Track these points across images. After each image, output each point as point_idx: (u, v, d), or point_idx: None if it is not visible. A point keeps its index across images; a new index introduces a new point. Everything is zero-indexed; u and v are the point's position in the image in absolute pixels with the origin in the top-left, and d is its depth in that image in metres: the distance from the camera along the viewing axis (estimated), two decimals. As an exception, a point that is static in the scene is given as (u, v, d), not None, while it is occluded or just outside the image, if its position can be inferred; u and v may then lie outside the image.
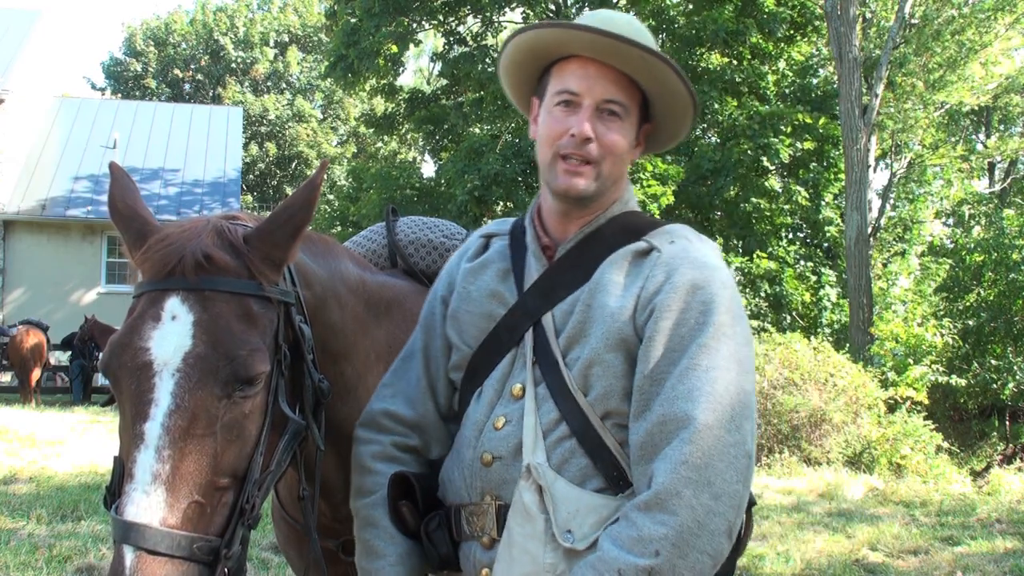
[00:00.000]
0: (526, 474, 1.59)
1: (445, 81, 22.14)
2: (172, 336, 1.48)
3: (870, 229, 15.60)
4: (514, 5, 20.36)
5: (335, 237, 2.57)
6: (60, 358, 17.87)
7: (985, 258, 13.98)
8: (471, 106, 19.13)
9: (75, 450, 8.78)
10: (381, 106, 23.64)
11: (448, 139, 20.87)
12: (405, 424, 1.81)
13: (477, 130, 19.25)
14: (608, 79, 1.67)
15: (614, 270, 1.67)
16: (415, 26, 20.26)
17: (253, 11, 38.41)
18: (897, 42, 16.19)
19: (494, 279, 1.79)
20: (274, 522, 2.31)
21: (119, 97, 34.84)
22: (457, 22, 20.97)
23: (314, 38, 37.40)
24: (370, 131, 26.67)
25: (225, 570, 1.46)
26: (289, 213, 1.62)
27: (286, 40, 37.77)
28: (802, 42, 19.50)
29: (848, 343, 13.68)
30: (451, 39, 21.13)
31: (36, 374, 15.10)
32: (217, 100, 35.59)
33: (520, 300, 1.74)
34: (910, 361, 11.46)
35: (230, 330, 1.51)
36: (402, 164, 22.31)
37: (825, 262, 18.76)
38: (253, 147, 34.78)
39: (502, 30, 21.62)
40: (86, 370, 16.02)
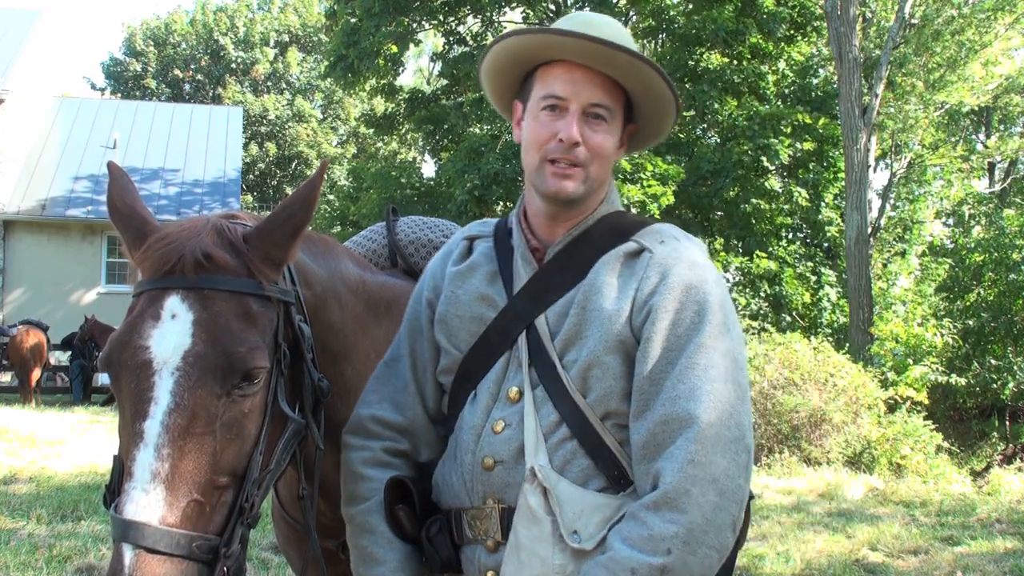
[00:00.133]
0: (530, 477, 1.60)
1: (445, 81, 22.13)
2: (172, 335, 1.49)
3: (870, 229, 15.60)
4: (514, 5, 20.37)
5: (335, 237, 2.58)
6: (60, 358, 17.88)
7: (985, 258, 13.99)
8: (471, 106, 19.13)
9: (75, 450, 8.78)
10: (381, 106, 23.64)
11: (448, 139, 20.87)
12: (394, 429, 1.81)
13: (477, 130, 19.25)
14: (594, 83, 1.68)
15: (607, 272, 1.68)
16: (415, 26, 20.26)
17: (253, 11, 38.41)
18: (897, 42, 16.19)
19: (482, 282, 1.79)
20: (274, 522, 2.31)
21: (119, 97, 34.85)
22: (457, 22, 20.98)
23: (314, 38, 37.41)
24: (370, 131, 26.67)
25: (224, 569, 1.46)
26: (289, 213, 1.62)
27: (286, 40, 37.78)
28: (802, 42, 19.49)
29: (848, 343, 13.68)
30: (451, 39, 21.13)
31: (36, 374, 15.10)
32: (217, 100, 35.59)
33: (511, 303, 1.74)
34: (910, 361, 11.47)
35: (230, 329, 1.51)
36: (402, 164, 22.30)
37: (825, 262, 18.76)
38: (253, 147, 34.79)
39: (502, 30, 21.62)
40: (86, 370, 16.02)
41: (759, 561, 5.55)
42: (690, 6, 18.98)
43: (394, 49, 19.54)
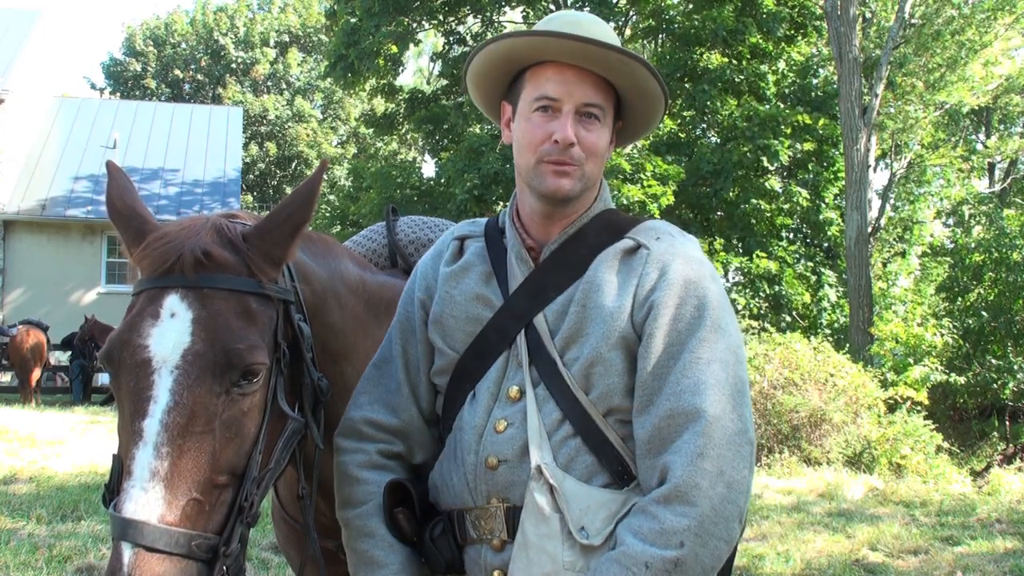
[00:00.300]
0: (536, 475, 1.60)
1: (445, 81, 22.13)
2: (171, 333, 1.48)
3: (870, 229, 15.61)
4: (514, 4, 20.36)
5: (335, 237, 2.57)
6: (60, 358, 17.88)
7: (985, 258, 13.98)
8: (471, 106, 19.12)
9: (75, 450, 8.78)
10: (381, 106, 23.62)
11: (448, 139, 20.87)
12: (388, 431, 1.80)
13: (477, 130, 19.24)
14: (586, 83, 1.69)
15: (606, 269, 1.68)
16: (415, 26, 20.25)
17: (253, 11, 38.41)
18: (897, 42, 16.20)
19: (477, 282, 1.79)
20: (274, 522, 2.31)
21: (119, 97, 34.84)
22: (457, 22, 20.97)
23: (314, 39, 37.40)
24: (370, 131, 26.66)
25: (224, 568, 1.45)
26: (288, 212, 1.62)
27: (286, 40, 37.77)
28: (802, 42, 19.49)
29: (848, 343, 13.68)
30: (451, 39, 21.13)
31: (36, 374, 15.10)
32: (217, 100, 35.58)
33: (507, 302, 1.74)
34: (910, 361, 11.46)
35: (229, 327, 1.50)
36: (402, 164, 22.30)
37: (825, 262, 18.75)
38: (253, 147, 34.79)
39: (502, 30, 21.61)
40: (86, 370, 16.03)
41: (759, 561, 5.55)
42: (690, 6, 18.98)
43: (394, 49, 19.54)
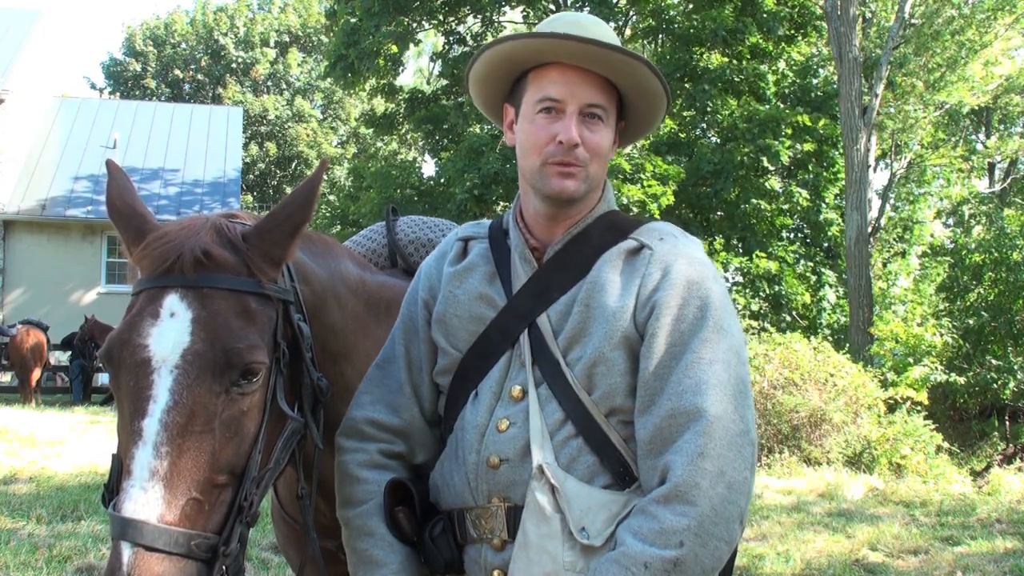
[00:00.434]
0: (538, 474, 1.60)
1: (445, 81, 22.12)
2: (170, 333, 1.48)
3: (870, 229, 15.61)
4: (514, 4, 20.35)
5: (335, 237, 2.57)
6: (60, 358, 17.88)
7: (985, 258, 13.98)
8: (471, 106, 19.12)
9: (75, 450, 8.78)
10: (381, 106, 23.62)
11: (448, 139, 20.87)
12: (389, 431, 1.80)
13: (477, 130, 19.24)
14: (589, 84, 1.69)
15: (609, 269, 1.68)
16: (415, 26, 20.25)
17: (253, 11, 38.40)
18: (897, 42, 16.20)
19: (481, 282, 1.79)
20: (274, 522, 2.31)
21: (119, 97, 34.84)
22: (457, 22, 20.96)
23: (314, 39, 37.40)
24: (370, 131, 26.66)
25: (223, 568, 1.45)
26: (288, 211, 1.62)
27: (286, 40, 37.77)
28: (802, 42, 19.49)
29: (848, 343, 13.68)
30: (451, 39, 21.12)
31: (36, 374, 15.10)
32: (217, 100, 35.58)
33: (511, 302, 1.74)
34: (910, 361, 11.46)
35: (228, 326, 1.50)
36: (402, 164, 22.29)
37: (825, 262, 18.75)
38: (253, 147, 34.78)
39: (502, 30, 21.61)
40: (86, 370, 16.03)
41: (759, 561, 5.55)
42: (690, 6, 18.98)
43: (394, 49, 19.53)
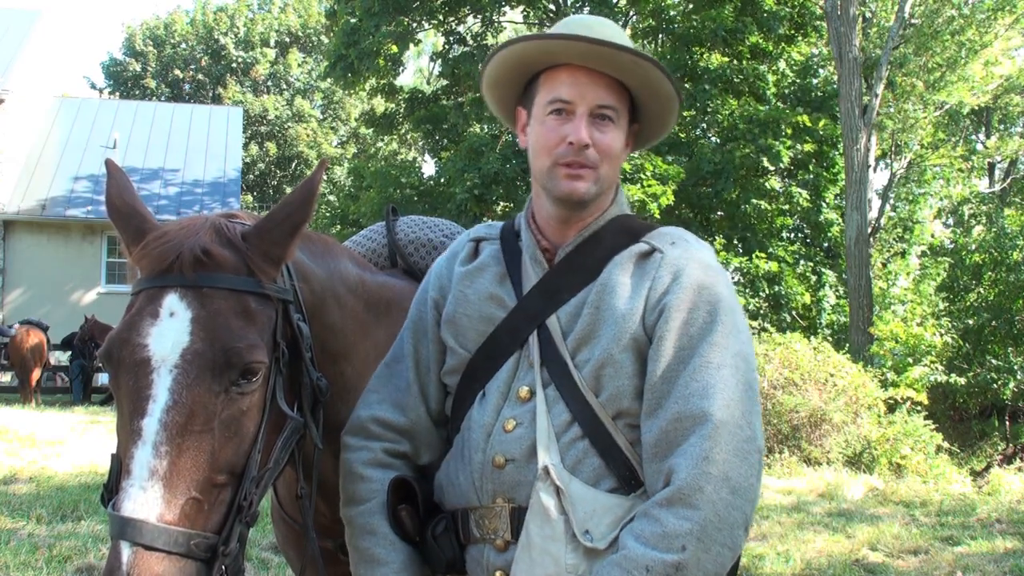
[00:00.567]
0: (543, 475, 1.60)
1: (445, 81, 22.12)
2: (170, 332, 1.48)
3: (870, 229, 15.60)
4: (514, 4, 20.35)
5: (335, 237, 2.56)
6: (60, 358, 17.87)
7: (985, 258, 13.99)
8: (471, 106, 19.12)
9: (75, 450, 8.77)
10: (381, 106, 23.61)
11: (448, 139, 20.86)
12: (395, 430, 1.80)
13: (477, 130, 19.23)
14: (599, 85, 1.69)
15: (620, 272, 1.68)
16: (415, 26, 20.24)
17: (253, 11, 38.39)
18: (897, 42, 16.19)
19: (492, 282, 1.79)
20: (273, 522, 2.30)
21: (119, 97, 34.83)
22: (457, 22, 20.95)
23: (314, 39, 37.40)
24: (370, 131, 26.66)
25: (222, 567, 1.45)
26: (287, 211, 1.62)
27: (286, 41, 37.77)
28: (802, 42, 19.49)
29: (848, 343, 13.68)
30: (451, 39, 21.11)
31: (36, 374, 15.09)
32: (217, 100, 35.57)
33: (521, 303, 1.74)
34: (910, 361, 11.47)
35: (228, 326, 1.50)
36: (402, 163, 22.28)
37: (825, 262, 18.75)
38: (253, 147, 34.78)
39: (502, 30, 21.60)
40: (86, 370, 16.02)
41: (759, 561, 5.55)
42: (690, 6, 18.98)
43: (394, 49, 19.52)
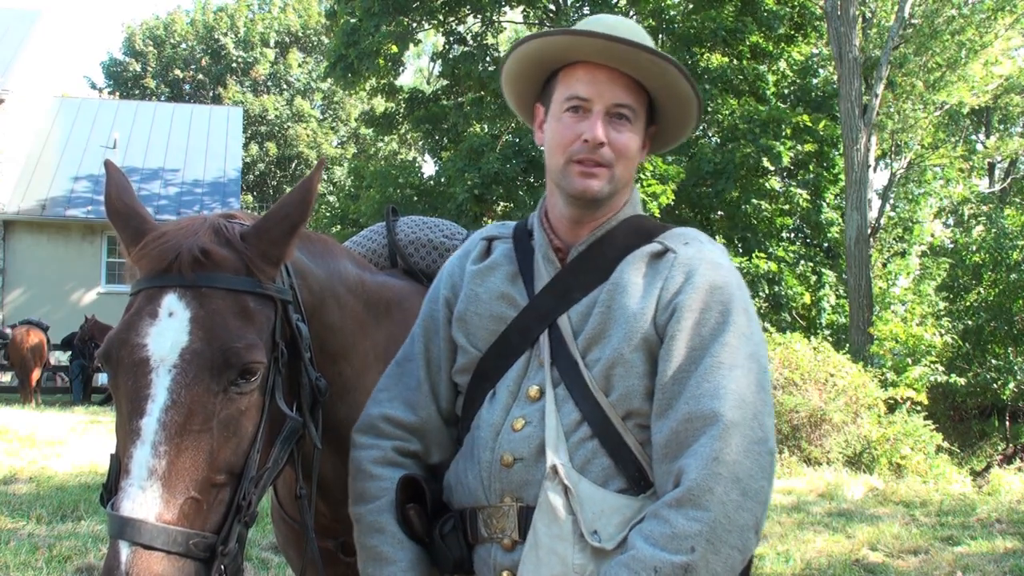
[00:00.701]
0: (551, 474, 1.59)
1: (445, 81, 22.12)
2: (169, 332, 1.48)
3: (870, 229, 15.61)
4: (514, 4, 20.34)
5: (335, 237, 2.56)
6: (60, 358, 17.88)
7: (985, 258, 13.98)
8: (471, 106, 19.13)
9: (75, 450, 8.77)
10: (381, 106, 23.61)
11: (448, 139, 20.86)
12: (406, 428, 1.79)
13: (477, 130, 19.23)
14: (617, 84, 1.68)
15: (632, 271, 1.67)
16: (415, 26, 20.24)
17: (253, 11, 38.39)
18: (897, 42, 16.19)
19: (503, 281, 1.79)
20: (273, 522, 2.30)
21: (119, 97, 34.83)
22: (457, 22, 20.95)
23: (314, 39, 37.40)
24: (370, 131, 26.66)
25: (222, 567, 1.45)
26: (286, 211, 1.62)
27: (286, 41, 37.76)
28: (802, 42, 19.49)
29: (848, 343, 13.68)
30: (451, 39, 21.11)
31: (36, 374, 15.10)
32: (217, 100, 35.57)
33: (532, 302, 1.74)
34: (909, 361, 11.47)
35: (227, 326, 1.50)
36: (402, 163, 22.29)
37: (825, 262, 18.76)
38: (253, 147, 34.78)
39: (502, 30, 21.60)
40: (86, 370, 16.03)
41: (759, 561, 5.55)
42: (690, 6, 18.98)
43: (394, 49, 19.52)
